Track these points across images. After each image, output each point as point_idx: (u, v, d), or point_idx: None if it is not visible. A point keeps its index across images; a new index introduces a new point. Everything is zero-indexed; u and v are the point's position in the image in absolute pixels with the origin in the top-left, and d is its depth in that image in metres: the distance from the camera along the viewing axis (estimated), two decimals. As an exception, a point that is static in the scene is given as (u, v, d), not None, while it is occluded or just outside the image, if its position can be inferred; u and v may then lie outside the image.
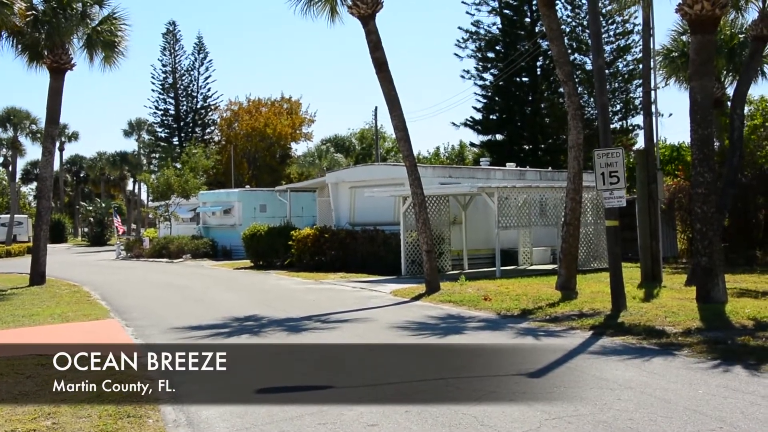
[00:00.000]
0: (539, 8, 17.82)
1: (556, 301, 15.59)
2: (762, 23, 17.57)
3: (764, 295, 16.25)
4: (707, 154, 14.57)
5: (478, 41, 47.97)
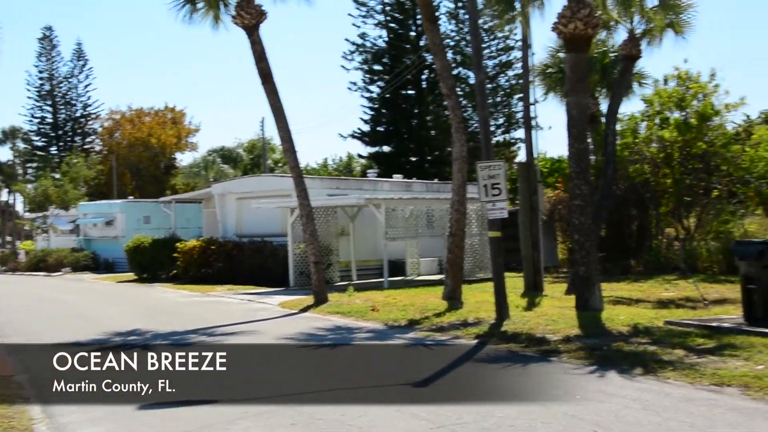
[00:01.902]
0: (423, 23, 18.19)
1: (442, 311, 15.83)
2: (631, 43, 18.45)
3: (637, 303, 17.01)
4: (583, 167, 15.17)
5: (365, 53, 48.39)
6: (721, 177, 25.74)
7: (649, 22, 18.29)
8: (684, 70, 26.04)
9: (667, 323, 12.80)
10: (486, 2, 17.39)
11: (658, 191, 26.28)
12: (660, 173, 26.16)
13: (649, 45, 19.04)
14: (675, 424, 7.00)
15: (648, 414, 7.37)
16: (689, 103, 25.76)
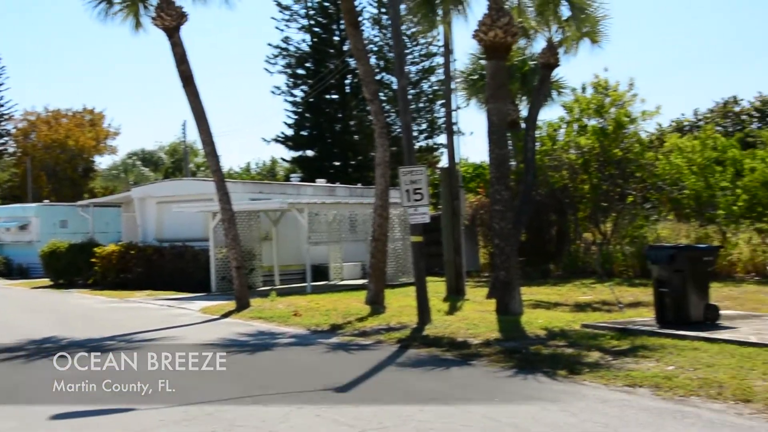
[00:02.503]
0: (346, 28, 18.22)
1: (365, 316, 15.86)
2: (549, 51, 18.84)
3: (556, 306, 17.36)
4: (504, 172, 15.42)
5: (289, 57, 48.14)
6: (635, 183, 26.51)
7: (566, 31, 18.72)
8: (603, 79, 26.75)
9: (583, 326, 13.10)
10: (408, 9, 17.52)
11: (576, 197, 26.90)
12: (578, 179, 26.78)
13: (567, 54, 19.46)
14: (590, 425, 7.17)
15: (565, 415, 7.53)
16: (607, 110, 26.46)
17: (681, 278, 12.53)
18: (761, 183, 22.87)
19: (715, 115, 50.22)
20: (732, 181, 24.04)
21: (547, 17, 18.29)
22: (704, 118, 49.76)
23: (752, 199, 23.05)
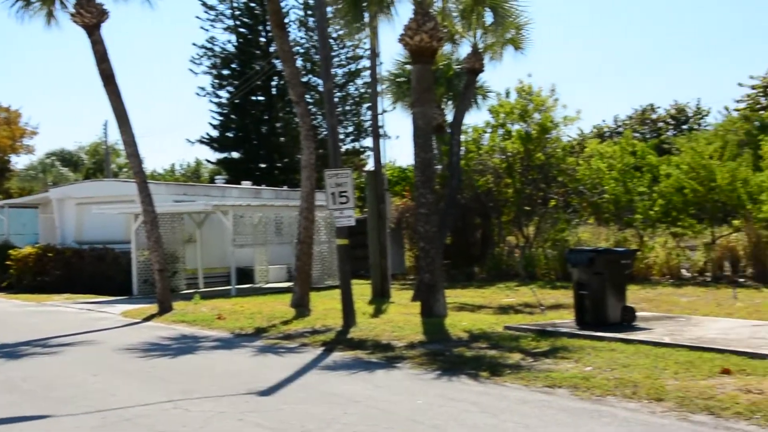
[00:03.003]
0: (272, 29, 18.11)
1: (290, 319, 15.79)
2: (474, 57, 19.10)
3: (480, 309, 17.59)
4: (429, 176, 15.55)
5: (214, 58, 47.50)
6: (558, 187, 27.07)
7: (490, 37, 19.01)
8: (527, 84, 27.24)
9: (506, 328, 13.31)
10: (335, 12, 17.53)
11: (500, 200, 27.33)
12: (502, 183, 27.21)
13: (492, 59, 19.78)
14: (511, 425, 7.28)
15: (485, 416, 7.63)
16: (530, 115, 26.95)
17: (600, 281, 12.84)
18: (676, 189, 23.62)
19: (633, 121, 51.65)
20: (649, 187, 24.78)
21: (471, 23, 18.55)
22: (623, 124, 51.13)
23: (668, 204, 23.79)
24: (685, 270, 23.41)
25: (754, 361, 9.36)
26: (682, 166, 23.83)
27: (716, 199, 23.09)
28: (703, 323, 13.05)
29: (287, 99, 44.96)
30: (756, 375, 8.60)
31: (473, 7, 17.97)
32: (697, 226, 23.82)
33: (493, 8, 17.79)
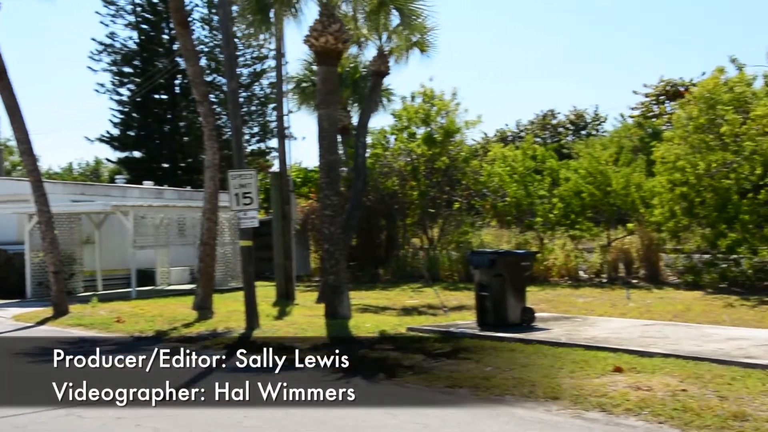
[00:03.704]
0: (174, 27, 17.78)
1: (191, 321, 15.55)
2: (380, 59, 19.24)
3: (384, 310, 17.69)
4: (333, 178, 15.57)
5: (114, 54, 46.24)
6: (461, 190, 27.50)
7: (396, 40, 19.20)
8: (429, 88, 27.59)
9: (409, 330, 13.44)
10: (240, 11, 17.36)
11: (405, 203, 27.57)
12: (407, 185, 27.45)
13: (397, 62, 19.98)
14: (411, 425, 7.36)
15: (387, 417, 7.69)
16: (434, 119, 27.29)
17: (500, 282, 13.11)
18: (574, 192, 24.33)
19: (535, 126, 52.95)
20: (549, 190, 25.44)
21: (377, 25, 18.68)
22: (525, 129, 52.35)
23: (566, 207, 24.47)
24: (583, 271, 24.12)
25: (643, 359, 9.73)
26: (580, 170, 24.56)
27: (612, 203, 23.89)
28: (598, 323, 13.48)
29: (191, 98, 44.16)
30: (645, 372, 8.94)
31: (379, 9, 18.09)
32: (594, 229, 24.59)
33: (399, 10, 17.96)
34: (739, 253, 19.54)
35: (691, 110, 20.42)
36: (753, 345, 10.48)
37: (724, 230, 19.66)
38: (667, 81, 46.58)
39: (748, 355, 9.71)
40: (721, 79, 20.40)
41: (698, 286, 19.64)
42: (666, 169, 21.08)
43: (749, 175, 19.28)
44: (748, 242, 19.15)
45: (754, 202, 19.03)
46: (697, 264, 20.67)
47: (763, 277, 18.97)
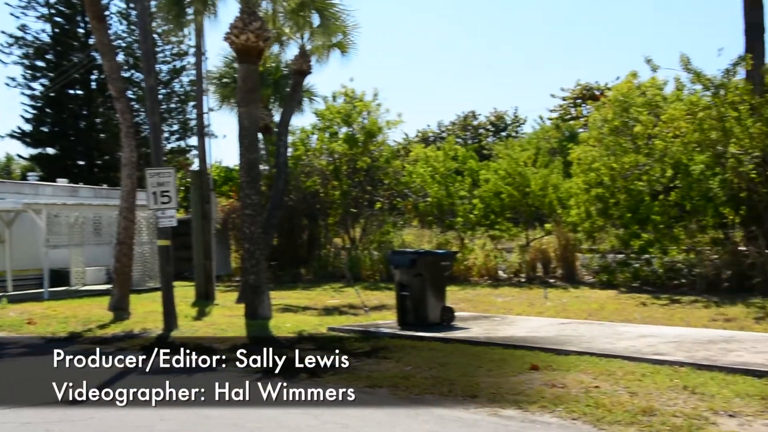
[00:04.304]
0: (90, 21, 17.37)
1: (107, 323, 15.25)
2: (302, 59, 19.17)
3: (305, 310, 17.62)
4: (254, 177, 15.44)
5: (26, 48, 44.80)
6: (383, 190, 27.61)
7: (317, 40, 19.16)
8: (351, 88, 27.62)
9: (330, 329, 13.43)
10: (158, 6, 17.05)
11: (327, 202, 27.51)
12: (329, 185, 27.41)
13: (319, 62, 19.94)
14: (331, 426, 7.35)
15: (307, 417, 7.66)
16: (355, 119, 27.32)
17: (421, 282, 13.21)
18: (494, 193, 24.70)
19: (456, 127, 53.56)
20: (469, 191, 25.76)
21: (299, 25, 18.61)
22: (447, 129, 52.92)
23: (486, 208, 24.83)
24: (502, 271, 24.48)
25: (559, 357, 9.95)
26: (500, 171, 24.94)
27: (530, 204, 24.33)
28: (516, 322, 13.72)
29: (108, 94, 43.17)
30: (560, 370, 9.14)
31: (299, 9, 18.03)
32: (513, 230, 24.99)
33: (318, 11, 17.94)
34: (651, 253, 20.14)
35: (606, 113, 20.98)
36: (662, 342, 10.82)
37: (637, 231, 20.23)
38: (583, 85, 47.79)
39: (658, 352, 10.02)
40: (634, 83, 21.01)
41: (612, 286, 20.15)
42: (582, 171, 21.60)
43: (660, 177, 19.89)
44: (659, 242, 19.75)
45: (665, 204, 19.64)
46: (611, 264, 21.20)
47: (673, 276, 19.58)
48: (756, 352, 9.89)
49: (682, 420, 7.03)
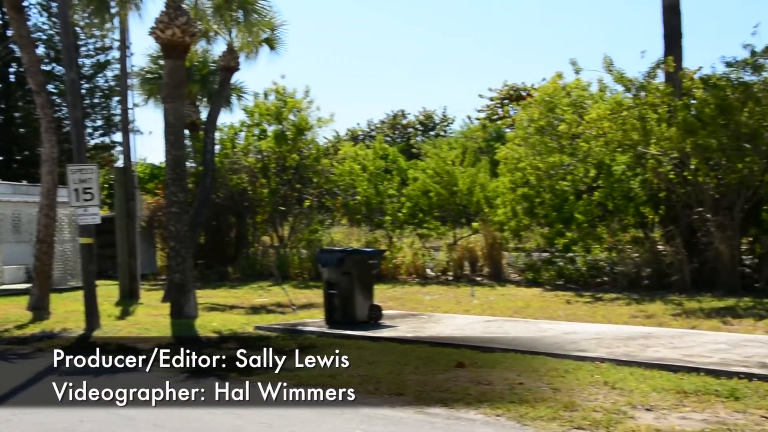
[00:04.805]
0: (7, 11, 16.86)
1: (26, 323, 14.88)
2: (230, 55, 18.97)
3: (232, 309, 17.45)
4: (180, 174, 15.23)
5: (-63, 37, 43.23)
6: (312, 188, 27.52)
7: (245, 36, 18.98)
8: (282, 86, 27.44)
9: (257, 328, 13.34)
10: (79, 0, 16.66)
11: (255, 200, 27.27)
12: (258, 183, 27.18)
13: (248, 58, 19.76)
14: (255, 425, 7.31)
15: (231, 417, 7.60)
16: (286, 117, 27.16)
17: (348, 280, 13.22)
18: (422, 192, 24.90)
19: (385, 126, 53.74)
20: (398, 189, 25.90)
21: (226, 20, 18.41)
22: (376, 128, 53.06)
23: (414, 206, 25.01)
24: (430, 269, 24.67)
25: (484, 354, 10.08)
26: (428, 170, 25.14)
27: (458, 203, 24.60)
28: (443, 320, 13.84)
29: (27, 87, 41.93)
30: (486, 367, 9.26)
31: (226, 5, 17.84)
32: (441, 228, 25.23)
33: (244, 7, 17.77)
34: (575, 251, 20.58)
35: (532, 113, 21.34)
36: (584, 339, 11.06)
37: (562, 230, 20.65)
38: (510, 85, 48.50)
39: (580, 348, 10.24)
40: (560, 84, 21.43)
41: (537, 284, 20.51)
42: (508, 170, 21.94)
43: (584, 177, 20.35)
44: (583, 241, 20.20)
45: (588, 203, 20.09)
46: (536, 262, 21.59)
47: (595, 274, 20.05)
48: (672, 348, 10.20)
49: (601, 415, 7.20)
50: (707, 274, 17.75)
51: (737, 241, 17.75)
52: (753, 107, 17.25)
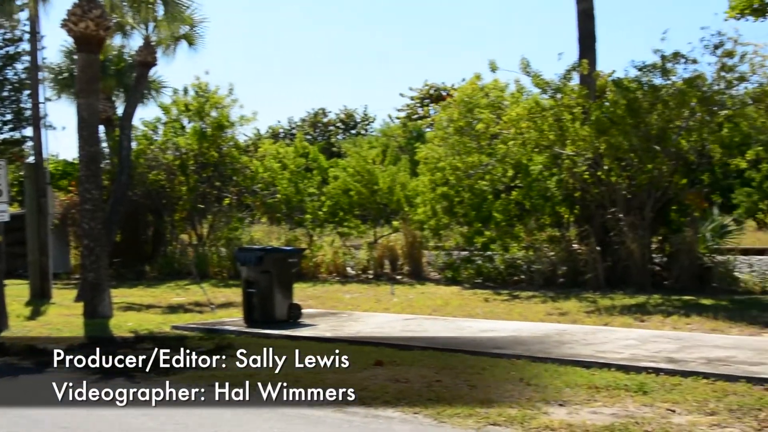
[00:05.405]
0: None
1: (-73, 325, 14.23)
2: (147, 50, 18.62)
3: (149, 308, 17.13)
4: (94, 170, 14.89)
5: None
6: (232, 186, 27.19)
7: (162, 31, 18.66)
8: (203, 82, 26.99)
9: (174, 328, 13.14)
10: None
11: (173, 198, 26.78)
12: (176, 180, 26.70)
13: (165, 54, 19.43)
14: (170, 426, 7.20)
15: (146, 419, 7.48)
16: (207, 113, 26.76)
17: (268, 279, 13.13)
18: (343, 191, 24.88)
19: (306, 124, 53.55)
20: (318, 188, 25.83)
21: (143, 15, 18.06)
22: (297, 126, 52.82)
23: (335, 205, 24.98)
24: (351, 268, 24.67)
25: (403, 352, 10.16)
26: (349, 169, 25.15)
27: (379, 202, 24.68)
28: (363, 318, 13.88)
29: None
30: (404, 365, 9.34)
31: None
32: (361, 227, 25.26)
33: (163, 1, 17.46)
34: (493, 250, 20.89)
35: (452, 113, 21.56)
36: (501, 336, 11.26)
37: (480, 228, 20.93)
38: (431, 85, 48.96)
39: (497, 346, 10.41)
40: (478, 85, 21.71)
41: (457, 282, 20.74)
42: (428, 170, 22.11)
43: (502, 176, 20.67)
44: (501, 240, 20.52)
45: (506, 203, 20.43)
46: (455, 261, 21.82)
47: (513, 272, 20.40)
48: (586, 344, 10.47)
49: (516, 410, 7.34)
50: (620, 272, 18.24)
51: (648, 240, 18.31)
52: (662, 109, 17.83)
